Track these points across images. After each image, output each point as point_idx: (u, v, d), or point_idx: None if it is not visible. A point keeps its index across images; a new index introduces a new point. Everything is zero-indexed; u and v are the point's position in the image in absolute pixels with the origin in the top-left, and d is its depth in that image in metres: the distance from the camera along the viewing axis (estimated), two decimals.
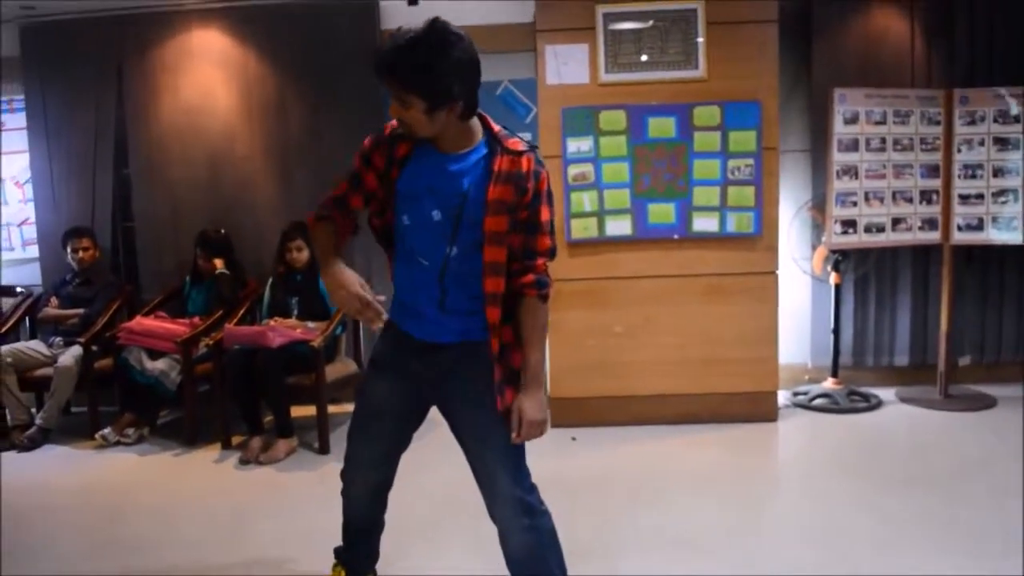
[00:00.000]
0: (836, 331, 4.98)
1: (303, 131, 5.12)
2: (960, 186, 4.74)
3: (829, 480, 3.85)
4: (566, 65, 4.44)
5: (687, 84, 4.44)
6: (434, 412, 2.40)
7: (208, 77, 5.11)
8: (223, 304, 4.85)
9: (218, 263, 4.89)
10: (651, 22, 4.40)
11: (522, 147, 2.13)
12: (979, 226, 4.75)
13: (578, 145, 4.44)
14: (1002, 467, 3.87)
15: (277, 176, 5.17)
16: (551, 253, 2.21)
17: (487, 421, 2.22)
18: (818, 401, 4.90)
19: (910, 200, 4.77)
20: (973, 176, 4.72)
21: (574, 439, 4.49)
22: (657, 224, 4.51)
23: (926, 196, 4.79)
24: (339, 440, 4.49)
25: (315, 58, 5.04)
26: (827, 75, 4.88)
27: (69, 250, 5.01)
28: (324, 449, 4.44)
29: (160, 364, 4.62)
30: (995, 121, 4.66)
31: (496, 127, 2.16)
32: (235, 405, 4.48)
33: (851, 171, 4.67)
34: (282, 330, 4.43)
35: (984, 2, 4.89)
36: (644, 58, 4.43)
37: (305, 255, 4.70)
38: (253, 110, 5.13)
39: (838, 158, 4.64)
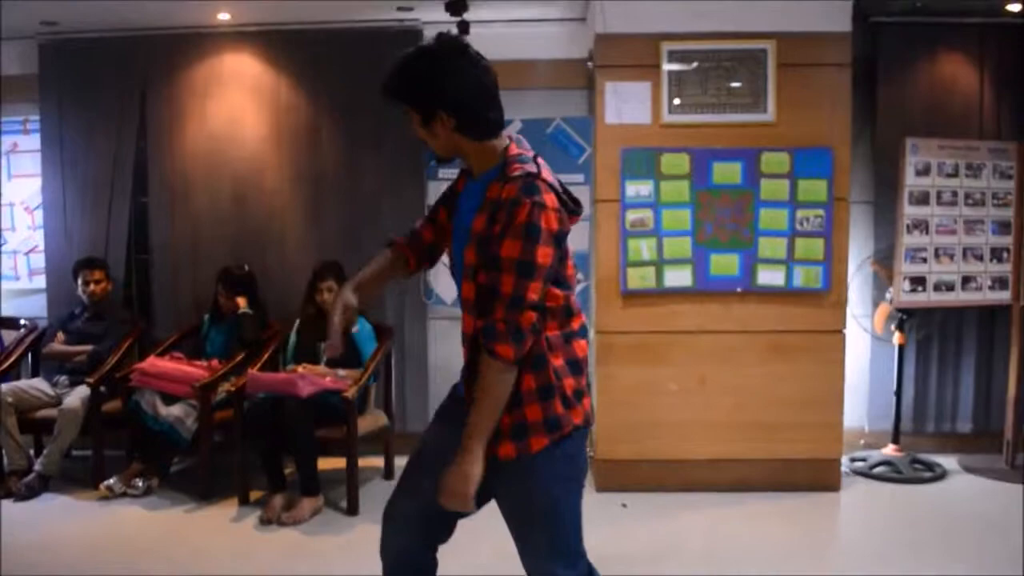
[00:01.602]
0: (898, 394, 4.68)
1: (337, 164, 4.83)
2: None
3: (898, 560, 3.53)
4: (627, 104, 4.17)
5: (754, 128, 4.18)
6: None
7: (238, 103, 4.82)
8: (245, 346, 4.51)
9: (241, 302, 4.55)
10: (719, 62, 4.16)
11: (517, 172, 1.84)
12: None
13: (637, 189, 4.16)
14: None
15: (307, 211, 4.86)
16: (514, 301, 1.80)
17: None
18: (879, 469, 4.57)
19: (980, 258, 4.52)
20: None
21: (624, 506, 4.14)
22: (719, 276, 4.22)
23: (996, 254, 4.54)
24: (369, 499, 4.22)
25: (353, 86, 4.74)
26: (892, 124, 4.65)
27: (80, 282, 4.65)
28: (353, 509, 4.07)
29: (175, 410, 4.25)
30: None
31: (516, 150, 1.93)
32: (256, 458, 4.12)
33: (921, 225, 4.41)
34: (312, 378, 4.09)
35: None
36: (710, 99, 4.18)
37: None
38: (284, 140, 4.83)
39: (908, 211, 4.39)
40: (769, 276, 4.21)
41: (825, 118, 4.17)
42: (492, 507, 2.03)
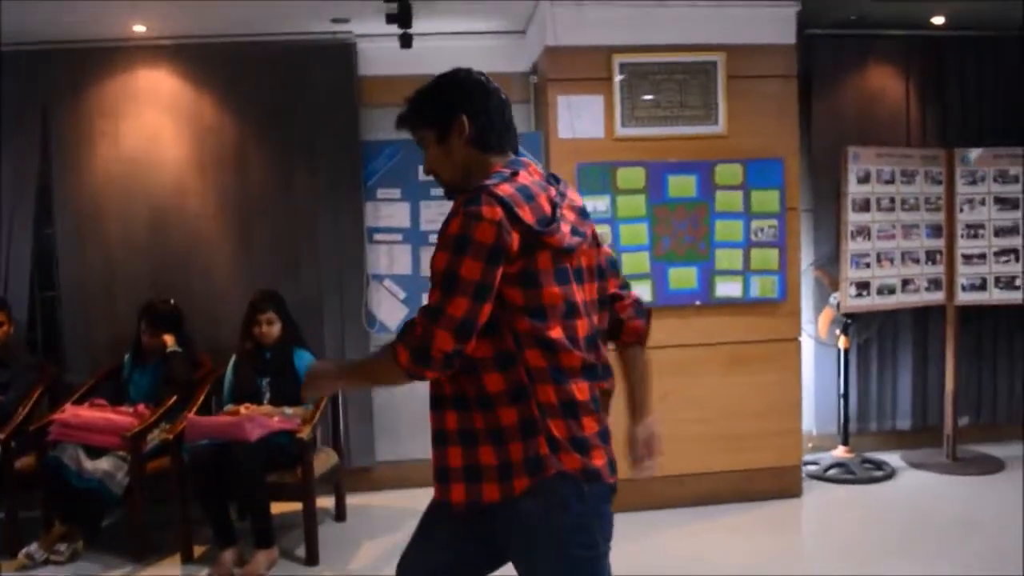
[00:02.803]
0: (846, 396, 4.77)
1: (267, 187, 4.50)
2: (963, 246, 4.67)
3: (871, 561, 3.61)
4: (579, 118, 4.07)
5: (707, 140, 4.17)
6: None
7: (154, 123, 4.41)
8: (176, 388, 4.13)
9: (168, 340, 4.16)
10: (670, 74, 4.12)
11: (473, 189, 1.74)
12: (982, 286, 4.68)
13: (594, 204, 4.05)
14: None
15: (236, 238, 4.50)
16: (430, 313, 1.69)
17: None
18: (833, 471, 4.65)
19: (917, 260, 4.66)
20: (975, 236, 4.66)
21: None
22: (678, 290, 4.17)
23: (930, 256, 4.69)
24: (324, 545, 3.94)
25: (282, 105, 4.45)
26: (827, 134, 4.74)
27: None
28: (313, 559, 3.78)
29: (103, 464, 3.81)
30: (995, 181, 4.63)
31: (498, 168, 1.82)
32: (198, 510, 3.77)
33: (864, 231, 4.51)
34: (259, 419, 3.77)
35: (973, 65, 4.91)
36: (663, 112, 4.12)
37: (276, 329, 4.05)
38: (207, 162, 4.46)
39: (852, 218, 4.47)
40: (726, 288, 4.20)
41: (774, 129, 4.20)
42: None
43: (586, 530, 1.78)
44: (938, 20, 4.63)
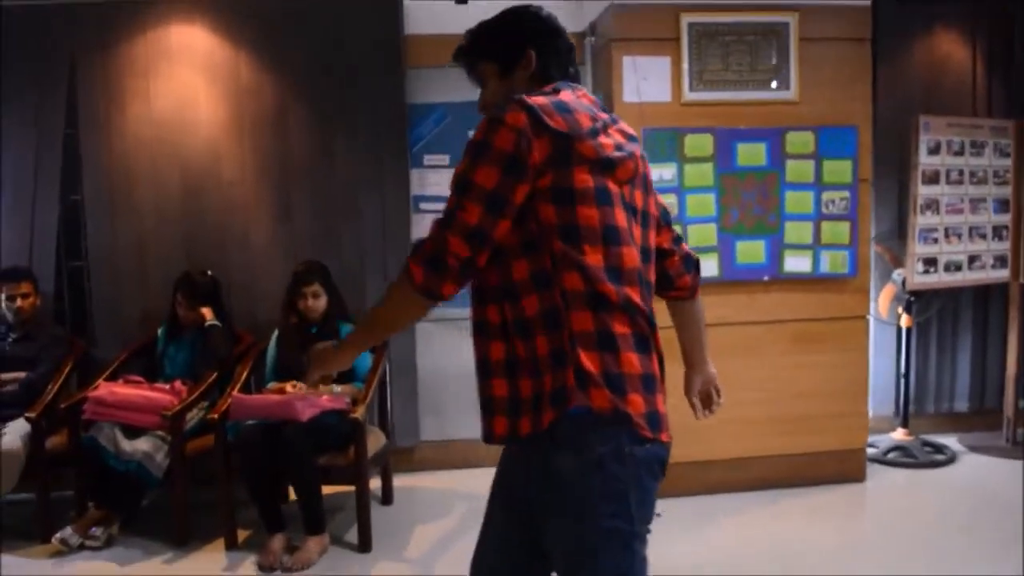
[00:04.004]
0: (907, 377, 4.60)
1: (307, 151, 4.25)
2: None
3: (946, 552, 3.43)
4: (645, 80, 3.84)
5: (777, 106, 3.95)
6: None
7: (189, 84, 4.15)
8: (216, 364, 3.90)
9: (206, 313, 3.94)
10: (740, 36, 3.89)
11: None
12: None
13: (660, 173, 3.83)
14: None
15: (274, 206, 4.26)
16: (444, 219, 1.59)
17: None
18: (893, 454, 4.49)
19: (984, 236, 4.48)
20: None
21: (659, 515, 3.84)
22: (746, 264, 3.97)
23: (997, 232, 4.52)
24: (378, 532, 3.75)
25: (324, 65, 4.20)
26: (891, 102, 4.53)
27: (3, 298, 3.89)
28: (366, 545, 3.57)
29: (142, 444, 3.59)
30: None
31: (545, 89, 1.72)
32: (242, 493, 3.56)
33: (932, 205, 4.32)
34: (311, 398, 3.56)
35: None
36: (732, 76, 3.91)
37: (322, 303, 3.83)
38: (245, 125, 4.20)
39: (921, 191, 4.28)
40: (795, 263, 4.00)
41: (846, 95, 3.98)
42: None
43: (621, 499, 1.56)
44: None
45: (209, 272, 4.04)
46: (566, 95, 1.66)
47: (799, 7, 3.91)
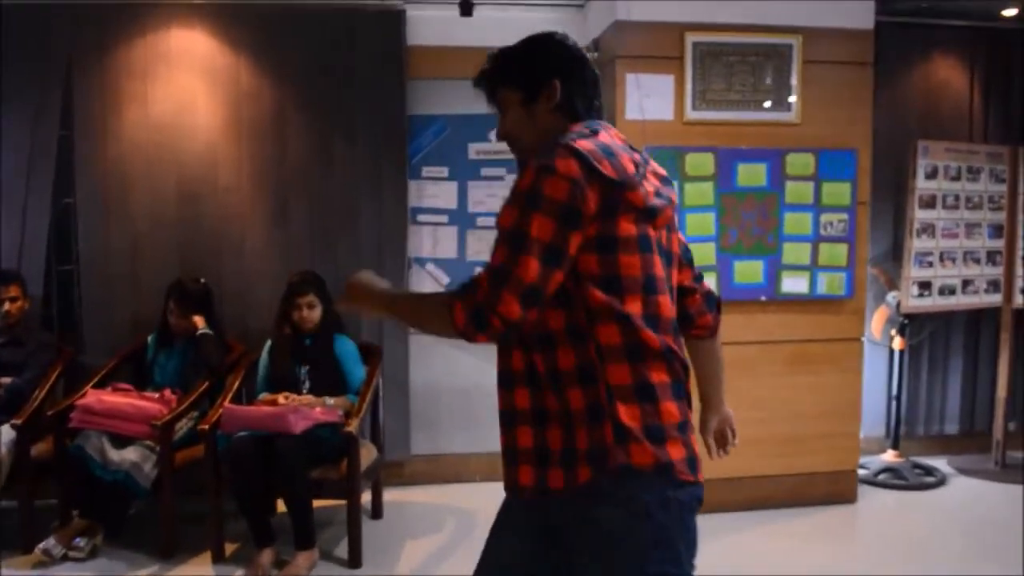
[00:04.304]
0: (899, 399, 4.62)
1: (305, 160, 4.20)
2: None
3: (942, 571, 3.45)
4: (648, 98, 3.84)
5: (779, 127, 3.96)
6: None
7: (186, 87, 4.10)
8: (207, 373, 3.85)
9: (198, 321, 3.88)
10: (743, 56, 3.90)
11: (549, 144, 1.58)
12: None
13: None
14: None
15: (271, 213, 4.21)
16: (497, 274, 1.49)
17: None
18: (883, 476, 4.50)
19: (978, 261, 4.51)
20: None
21: None
22: (743, 284, 3.97)
23: (991, 257, 4.55)
24: (368, 547, 3.69)
25: (324, 73, 4.16)
26: (888, 125, 4.56)
27: None
28: (356, 561, 3.52)
29: (130, 454, 3.52)
30: None
31: (577, 127, 1.64)
32: (235, 507, 3.50)
33: (928, 229, 4.34)
34: (304, 411, 3.51)
35: None
36: (735, 96, 3.91)
37: (317, 313, 3.78)
38: (243, 130, 4.15)
39: (918, 215, 4.30)
40: (793, 283, 4.00)
41: (848, 118, 4.00)
42: None
43: (669, 545, 1.57)
44: (1009, 12, 4.46)
45: (202, 279, 3.98)
46: (604, 137, 1.61)
47: (803, 30, 3.93)
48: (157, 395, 3.75)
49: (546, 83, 1.69)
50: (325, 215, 4.22)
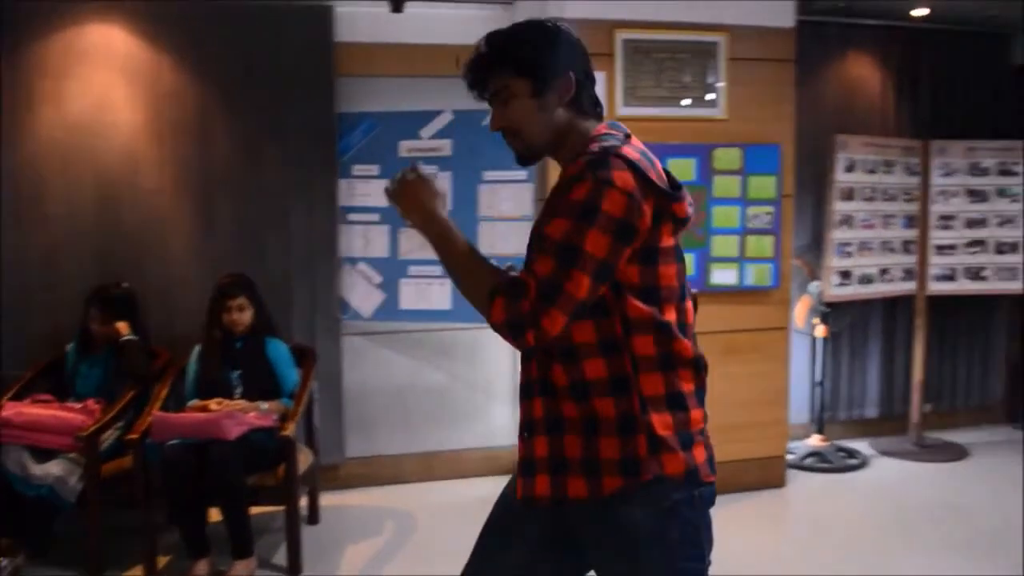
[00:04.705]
0: (823, 385, 4.78)
1: (231, 160, 4.08)
2: (936, 237, 4.74)
3: (866, 553, 3.60)
4: None
5: (707, 123, 4.04)
6: None
7: (106, 86, 3.93)
8: (133, 382, 3.71)
9: (122, 327, 3.73)
10: (672, 53, 3.97)
11: (594, 148, 1.54)
12: (952, 276, 4.77)
13: None
14: (1004, 521, 3.86)
15: (196, 216, 4.07)
16: (547, 289, 1.46)
17: None
18: (809, 460, 4.65)
19: (893, 250, 4.70)
20: (947, 227, 4.73)
21: None
22: None
23: (905, 246, 4.74)
24: (307, 553, 3.61)
25: (251, 71, 4.05)
26: (807, 121, 4.68)
27: None
28: (295, 568, 3.45)
29: (54, 468, 3.37)
30: (968, 173, 4.71)
31: (604, 130, 1.62)
32: (168, 517, 3.39)
33: (847, 221, 4.50)
34: (238, 416, 3.43)
35: (948, 59, 4.99)
36: (664, 92, 3.98)
37: (248, 316, 3.68)
38: (165, 131, 4.01)
39: (838, 207, 4.45)
40: (722, 276, 4.09)
41: (772, 114, 4.11)
42: None
43: (696, 540, 1.61)
44: (919, 12, 4.66)
45: (125, 284, 3.84)
46: (637, 142, 1.59)
47: (728, 27, 4.02)
48: (80, 406, 3.60)
49: (561, 75, 1.62)
50: (253, 216, 4.11)
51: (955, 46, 4.97)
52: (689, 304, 1.64)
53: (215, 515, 3.45)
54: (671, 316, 1.57)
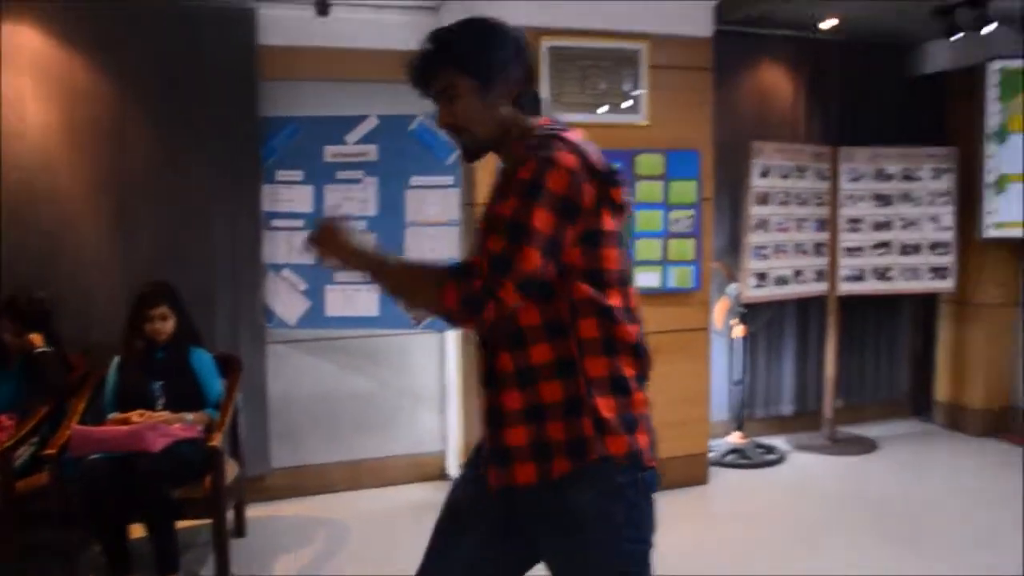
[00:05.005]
0: (741, 384, 4.94)
1: (150, 163, 3.95)
2: (845, 239, 4.95)
3: (791, 544, 3.74)
4: None
5: (630, 129, 4.14)
6: None
7: (15, 87, 3.75)
8: (48, 395, 3.56)
9: (36, 339, 3.58)
10: (596, 61, 4.04)
11: (530, 140, 1.61)
12: (860, 277, 4.99)
13: None
14: (916, 509, 4.08)
15: (112, 222, 3.93)
16: (498, 263, 1.50)
17: None
18: (730, 457, 4.80)
19: (806, 252, 4.89)
20: (855, 230, 4.96)
21: None
22: None
23: (817, 249, 4.94)
24: (234, 566, 3.53)
25: (171, 73, 3.94)
26: (724, 128, 4.84)
27: None
28: None
29: None
30: (874, 179, 4.94)
31: (548, 121, 1.69)
32: (93, 534, 3.28)
33: (763, 224, 4.66)
34: (163, 428, 3.33)
35: (855, 69, 5.22)
36: (588, 99, 4.05)
37: (170, 325, 3.58)
38: (80, 133, 3.86)
39: (755, 211, 4.61)
40: (646, 278, 4.19)
41: (692, 120, 4.24)
42: None
43: (640, 523, 1.67)
44: (828, 25, 4.86)
45: (39, 294, 3.68)
46: (578, 132, 1.65)
47: (649, 36, 4.13)
48: None
49: (506, 73, 1.66)
50: (173, 221, 3.99)
51: (861, 57, 5.21)
52: (633, 290, 1.69)
53: (138, 530, 3.35)
54: (615, 300, 1.61)
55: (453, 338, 4.47)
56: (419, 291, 1.61)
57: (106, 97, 3.89)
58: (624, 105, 4.12)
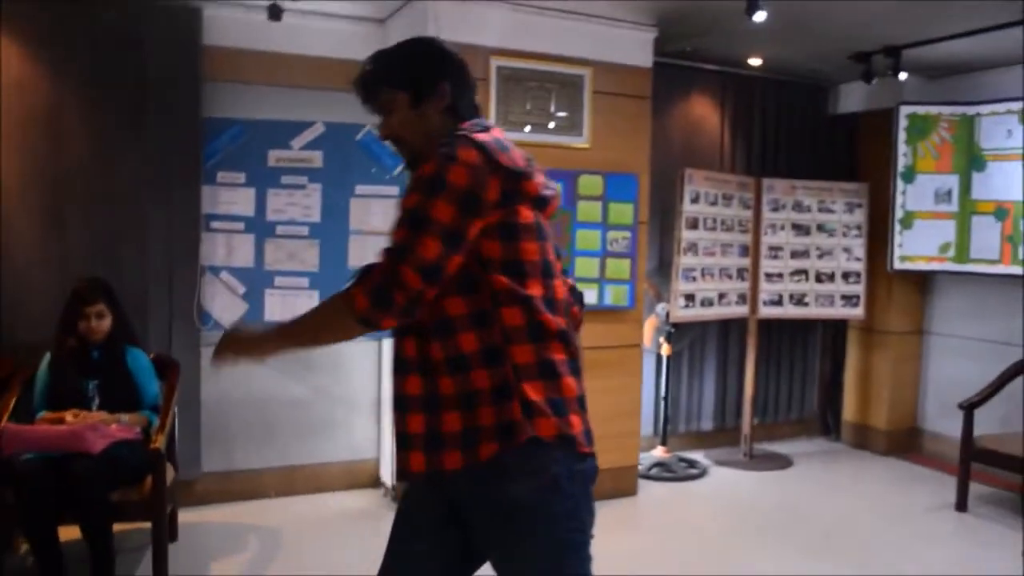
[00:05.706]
0: (667, 400, 5.12)
1: (87, 160, 3.87)
2: (765, 265, 5.22)
3: (721, 553, 3.93)
4: None
5: (573, 151, 4.29)
6: None
7: None
8: None
9: None
10: (542, 83, 4.18)
11: (444, 140, 1.71)
12: (779, 301, 5.26)
13: None
14: (828, 522, 4.31)
15: (45, 218, 3.83)
16: (397, 252, 1.60)
17: None
18: (655, 470, 4.96)
19: (730, 276, 5.13)
20: (775, 257, 5.23)
21: None
22: None
23: (740, 273, 5.19)
24: (172, 571, 3.45)
25: (110, 66, 3.87)
26: (656, 155, 5.04)
27: None
28: None
29: None
30: (792, 209, 5.24)
31: (467, 124, 1.77)
32: (26, 538, 3.17)
33: (692, 248, 4.87)
34: (102, 429, 3.26)
35: (776, 104, 5.53)
36: (533, 119, 4.18)
37: (107, 323, 3.50)
38: (11, 125, 3.75)
39: (685, 235, 4.81)
40: (584, 295, 4.31)
41: (631, 145, 4.42)
42: None
43: (576, 514, 1.72)
44: (754, 62, 5.15)
45: None
46: (497, 133, 1.75)
47: (593, 63, 4.30)
48: None
49: (435, 86, 1.79)
50: (108, 219, 3.90)
51: (783, 94, 5.53)
52: (558, 282, 1.76)
53: (68, 533, 3.25)
54: (536, 290, 1.69)
55: (389, 346, 4.50)
56: (331, 318, 1.71)
57: (40, 89, 3.80)
58: (568, 127, 4.27)
